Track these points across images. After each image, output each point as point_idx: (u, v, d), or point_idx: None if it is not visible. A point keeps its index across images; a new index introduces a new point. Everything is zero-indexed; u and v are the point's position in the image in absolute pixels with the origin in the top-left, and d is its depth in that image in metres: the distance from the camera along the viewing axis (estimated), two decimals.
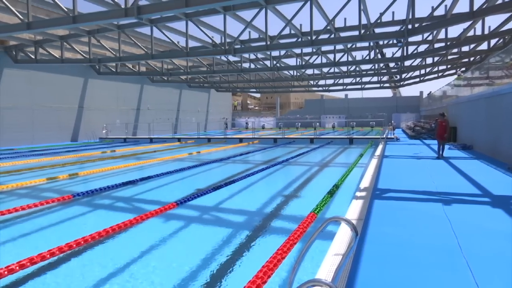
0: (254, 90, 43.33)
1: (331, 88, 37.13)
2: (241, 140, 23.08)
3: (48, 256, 3.70)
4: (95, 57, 19.77)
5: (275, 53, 22.20)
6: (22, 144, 20.71)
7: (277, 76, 30.13)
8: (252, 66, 26.06)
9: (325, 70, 27.95)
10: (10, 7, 12.03)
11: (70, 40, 18.50)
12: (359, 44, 20.53)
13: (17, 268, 3.40)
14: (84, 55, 18.97)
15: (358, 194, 6.32)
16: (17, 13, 12.10)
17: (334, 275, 2.82)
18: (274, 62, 22.27)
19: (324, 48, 21.00)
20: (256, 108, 72.79)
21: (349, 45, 20.16)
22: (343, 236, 3.98)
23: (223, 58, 24.16)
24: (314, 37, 13.82)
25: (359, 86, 35.96)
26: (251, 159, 14.16)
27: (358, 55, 24.07)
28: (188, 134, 31.88)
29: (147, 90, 31.22)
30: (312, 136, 23.19)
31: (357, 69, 27.62)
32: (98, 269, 3.76)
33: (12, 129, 20.68)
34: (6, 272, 3.23)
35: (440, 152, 11.73)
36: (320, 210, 5.55)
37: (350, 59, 21.99)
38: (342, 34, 16.85)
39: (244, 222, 5.66)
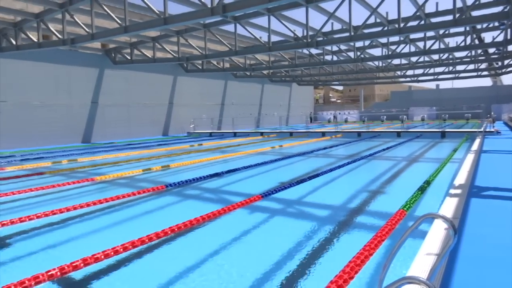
0: (337, 83, 42.35)
1: (420, 78, 34.81)
2: (323, 134, 22.76)
3: (146, 240, 4.02)
4: (183, 55, 20.92)
5: (359, 44, 21.42)
6: (120, 138, 22.78)
7: (361, 68, 29.09)
8: (335, 58, 25.48)
9: (413, 59, 26.27)
10: (111, 13, 13.22)
11: (161, 41, 19.82)
12: (452, 30, 18.92)
13: (121, 250, 3.75)
14: (174, 54, 20.18)
15: (453, 191, 5.85)
16: (116, 18, 13.26)
17: (428, 275, 2.65)
18: (358, 53, 21.53)
19: (412, 36, 19.76)
20: (339, 101, 71.15)
21: (441, 32, 18.69)
22: (436, 234, 3.72)
23: (305, 51, 24.00)
24: (402, 25, 13.05)
25: (452, 76, 33.18)
26: (334, 153, 13.90)
27: (452, 42, 22.17)
28: (270, 128, 32.31)
29: (230, 86, 32.24)
30: (399, 130, 22.01)
31: (450, 57, 25.51)
32: (187, 255, 3.99)
33: (112, 124, 22.84)
34: (102, 257, 3.57)
35: None
36: (410, 207, 5.26)
37: (442, 46, 20.39)
38: (433, 20, 15.67)
39: (327, 217, 5.59)
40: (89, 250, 3.68)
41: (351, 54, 23.10)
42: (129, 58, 22.05)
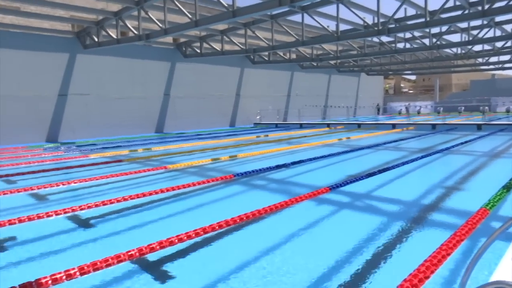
0: (409, 72, 40.20)
1: (506, 65, 31.79)
2: (394, 126, 21.77)
3: (217, 227, 4.15)
4: (250, 47, 21.12)
5: (435, 30, 20.05)
6: (189, 129, 23.74)
7: (436, 55, 27.25)
8: (408, 46, 24.15)
9: (498, 44, 24.02)
10: (182, 8, 13.71)
11: (229, 33, 20.19)
12: None
13: (193, 235, 3.91)
14: (241, 46, 20.46)
15: None
16: (187, 13, 13.73)
17: None
18: (434, 40, 20.19)
19: (498, 19, 18.07)
20: (411, 91, 67.55)
21: None
22: None
23: (375, 39, 23.04)
24: (486, 6, 11.97)
25: None
26: (405, 146, 13.24)
27: None
28: (337, 119, 31.62)
29: (297, 77, 32.01)
30: (480, 122, 20.36)
31: None
32: (254, 244, 4.05)
33: (182, 115, 23.87)
34: (176, 240, 3.74)
35: None
36: (494, 206, 4.85)
37: None
38: None
39: (398, 212, 5.34)
40: (162, 234, 3.88)
41: (426, 41, 21.69)
42: (198, 51, 22.79)
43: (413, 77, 73.83)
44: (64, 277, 3.01)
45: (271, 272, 3.38)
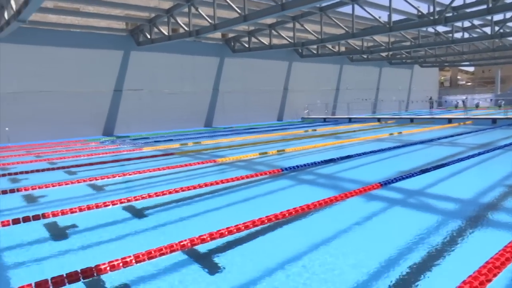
0: (467, 63, 37.91)
1: None
2: (450, 120, 20.68)
3: (266, 221, 4.17)
4: (299, 41, 20.92)
5: (497, 17, 18.73)
6: (237, 123, 24.01)
7: (499, 45, 25.47)
8: (466, 35, 22.78)
9: None
10: (231, 4, 13.83)
11: (277, 27, 20.11)
12: None
13: (243, 228, 3.95)
14: (289, 40, 20.32)
15: None
16: (236, 8, 13.83)
17: None
18: (497, 28, 18.87)
19: None
20: (469, 83, 63.75)
21: None
22: None
23: (430, 29, 21.96)
24: None
25: None
26: (462, 141, 12.55)
27: None
28: (388, 113, 30.59)
29: (346, 70, 31.30)
30: None
31: None
32: (303, 239, 4.03)
33: (230, 110, 24.19)
34: (226, 233, 3.80)
35: None
36: None
37: None
38: None
39: (455, 211, 5.07)
40: (212, 226, 3.96)
41: (487, 29, 20.33)
42: (246, 46, 22.93)
43: (471, 69, 69.59)
44: (121, 264, 3.16)
45: (317, 269, 3.34)
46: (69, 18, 18.36)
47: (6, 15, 14.16)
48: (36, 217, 4.68)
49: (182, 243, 3.53)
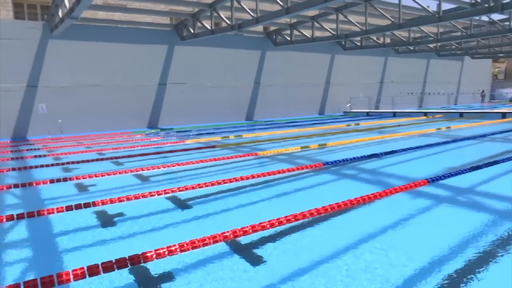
0: None
1: None
2: (504, 114, 19.51)
3: (308, 215, 4.14)
4: (342, 33, 20.46)
5: None
6: (278, 117, 23.95)
7: None
8: None
9: None
10: None
11: (320, 19, 19.77)
12: None
13: (284, 221, 3.95)
14: (332, 32, 19.93)
15: None
16: (278, 1, 13.72)
17: None
18: None
19: None
20: None
21: None
22: None
23: (483, 18, 20.74)
24: None
25: None
26: None
27: None
28: (435, 108, 29.36)
29: (391, 62, 30.28)
30: None
31: None
32: (345, 235, 3.95)
33: (271, 103, 24.17)
34: (268, 226, 3.80)
35: None
36: None
37: None
38: None
39: (509, 211, 4.79)
40: (253, 218, 3.98)
41: None
42: (288, 39, 22.75)
43: None
44: (166, 252, 3.26)
45: (359, 267, 3.25)
46: (116, 15, 19.03)
47: (60, 13, 14.92)
48: (87, 205, 4.93)
49: (224, 234, 3.58)
